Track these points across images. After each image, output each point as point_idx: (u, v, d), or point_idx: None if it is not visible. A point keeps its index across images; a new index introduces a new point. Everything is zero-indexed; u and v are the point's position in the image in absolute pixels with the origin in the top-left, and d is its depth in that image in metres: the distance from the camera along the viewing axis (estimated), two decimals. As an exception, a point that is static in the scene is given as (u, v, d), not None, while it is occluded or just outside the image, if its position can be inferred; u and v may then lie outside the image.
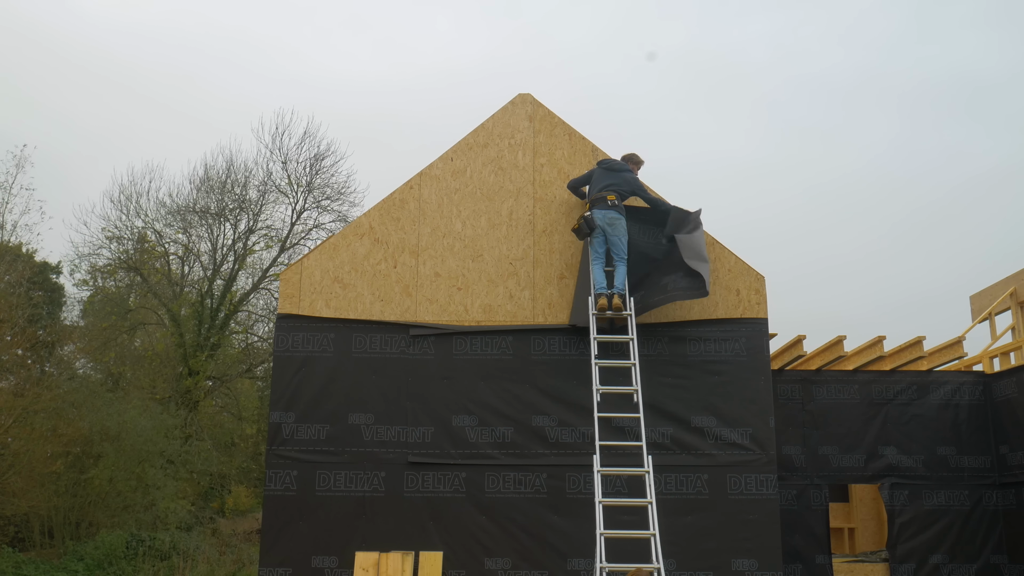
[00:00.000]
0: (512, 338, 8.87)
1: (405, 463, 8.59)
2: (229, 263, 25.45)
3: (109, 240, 24.72)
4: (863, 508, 12.37)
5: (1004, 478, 9.70)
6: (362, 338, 8.88)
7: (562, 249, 9.14)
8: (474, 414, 8.69)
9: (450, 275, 9.05)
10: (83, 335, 22.58)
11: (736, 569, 8.34)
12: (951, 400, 10.00)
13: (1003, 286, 12.01)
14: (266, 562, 8.40)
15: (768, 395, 8.74)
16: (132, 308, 24.74)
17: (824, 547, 9.59)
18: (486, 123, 9.48)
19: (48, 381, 18.36)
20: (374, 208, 9.26)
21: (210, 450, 22.14)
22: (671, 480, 8.51)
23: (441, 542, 8.38)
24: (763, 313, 8.96)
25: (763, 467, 8.57)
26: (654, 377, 8.66)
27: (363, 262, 9.07)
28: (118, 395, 20.76)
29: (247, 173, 25.58)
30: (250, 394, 25.65)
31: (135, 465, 18.96)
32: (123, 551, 16.82)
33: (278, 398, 8.75)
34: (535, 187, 9.30)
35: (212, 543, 19.05)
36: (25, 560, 16.13)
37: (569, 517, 8.42)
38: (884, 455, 9.80)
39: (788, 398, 9.92)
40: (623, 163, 9.15)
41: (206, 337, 24.13)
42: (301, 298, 8.96)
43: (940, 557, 9.54)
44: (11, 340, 17.64)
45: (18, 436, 16.46)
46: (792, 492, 9.66)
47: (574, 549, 8.35)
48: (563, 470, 8.55)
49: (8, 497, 16.03)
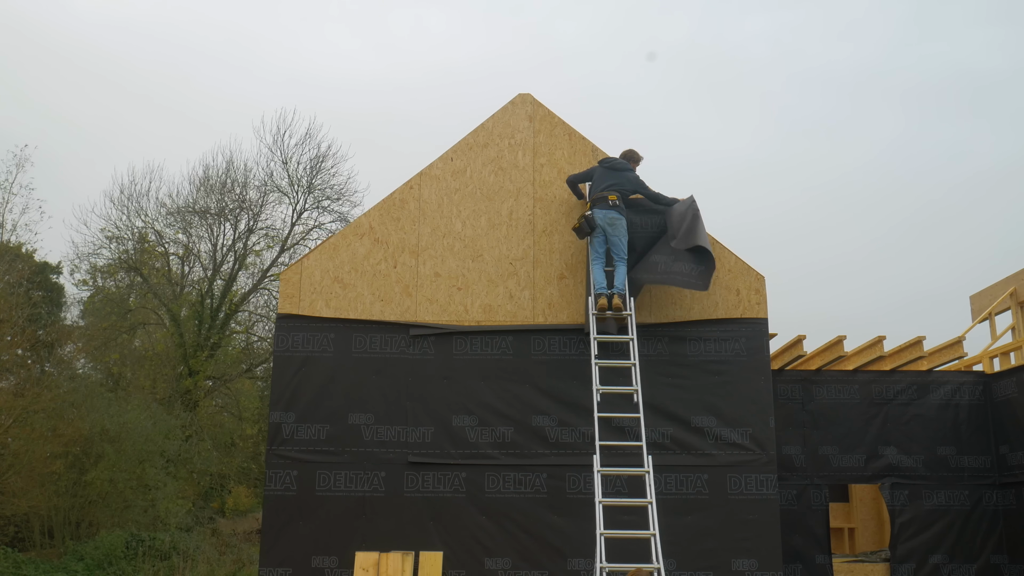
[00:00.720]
0: (512, 338, 8.86)
1: (405, 463, 8.59)
2: (229, 263, 25.47)
3: (109, 240, 24.77)
4: (863, 508, 12.38)
5: (1004, 478, 9.70)
6: (362, 338, 8.88)
7: (562, 249, 9.14)
8: (474, 414, 8.69)
9: (450, 275, 9.05)
10: (83, 335, 22.58)
11: (736, 569, 8.34)
12: (951, 400, 10.00)
13: (1003, 286, 12.01)
14: (266, 562, 8.40)
15: (768, 395, 8.74)
16: (132, 308, 24.74)
17: (824, 547, 9.59)
18: (486, 123, 9.48)
19: (48, 381, 18.35)
20: (374, 208, 9.26)
21: (210, 450, 22.14)
22: (671, 480, 8.51)
23: (441, 542, 8.38)
24: (763, 313, 8.96)
25: (763, 467, 8.57)
26: (654, 377, 8.66)
27: (363, 262, 9.07)
28: (118, 395, 20.76)
29: (247, 173, 25.63)
30: (250, 394, 25.64)
31: (135, 465, 18.96)
32: (123, 551, 16.82)
33: (278, 398, 8.75)
34: (535, 187, 9.30)
35: (212, 543, 19.06)
36: (25, 560, 16.12)
37: (569, 517, 8.42)
38: (884, 455, 9.80)
39: (788, 398, 9.92)
40: (624, 162, 9.15)
41: (206, 337, 24.14)
42: (301, 298, 8.96)
43: (940, 557, 9.54)
44: (11, 340, 17.64)
45: (18, 436, 16.45)
46: (792, 492, 9.65)
47: (574, 549, 8.34)
48: (563, 470, 8.55)
49: (8, 497, 16.02)
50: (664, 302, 8.97)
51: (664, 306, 8.95)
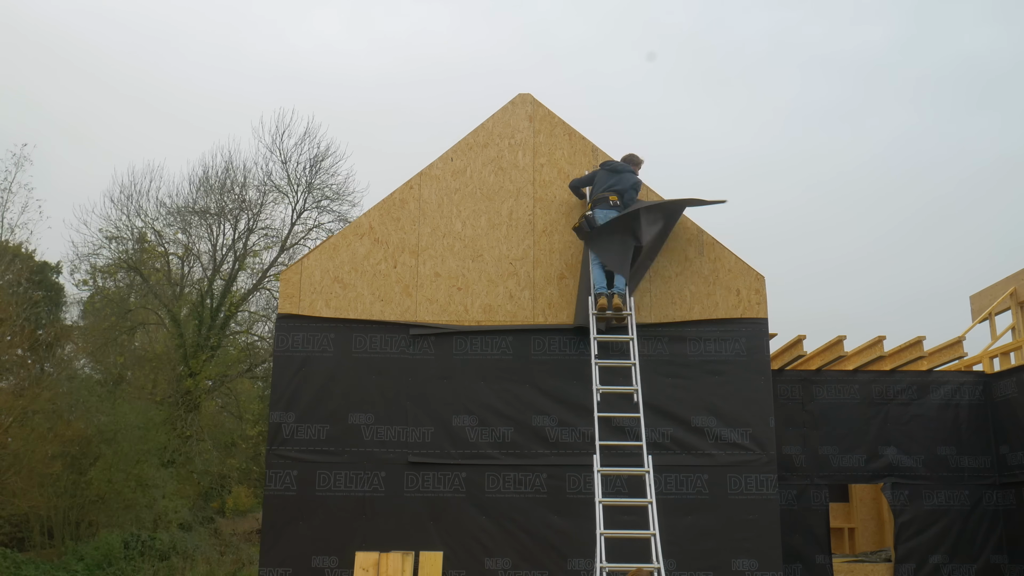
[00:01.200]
0: (512, 338, 8.86)
1: (405, 463, 8.58)
2: (229, 263, 25.46)
3: (109, 240, 24.74)
4: (863, 508, 12.38)
5: (1004, 478, 9.70)
6: (362, 338, 8.88)
7: (562, 249, 9.14)
8: (474, 414, 8.68)
9: (450, 275, 9.04)
10: (83, 335, 22.58)
11: (736, 569, 8.34)
12: (951, 400, 10.00)
13: (1003, 286, 12.01)
14: (266, 562, 8.40)
15: (768, 395, 8.74)
16: (132, 308, 24.73)
17: (824, 547, 9.59)
18: (486, 123, 9.48)
19: (48, 381, 18.35)
20: (374, 208, 9.26)
21: (210, 450, 22.13)
22: (671, 480, 8.51)
23: (441, 542, 8.38)
24: (763, 313, 8.96)
25: (763, 467, 8.56)
26: (654, 377, 8.66)
27: (363, 262, 9.06)
28: (119, 395, 20.75)
29: (246, 173, 25.62)
30: (250, 394, 25.63)
31: (134, 465, 18.96)
32: (122, 551, 16.82)
33: (278, 398, 8.75)
34: (535, 187, 9.30)
35: (212, 543, 19.06)
36: (25, 560, 16.12)
37: (569, 517, 8.42)
38: (884, 455, 9.80)
39: (788, 398, 9.91)
40: (626, 164, 9.18)
41: (206, 337, 24.13)
42: (301, 298, 8.95)
43: (940, 557, 9.54)
44: (11, 340, 17.64)
45: (18, 436, 16.45)
46: (792, 492, 9.65)
47: (574, 549, 8.34)
48: (563, 470, 8.55)
49: (8, 497, 16.02)
50: (664, 302, 8.98)
51: (664, 306, 8.95)
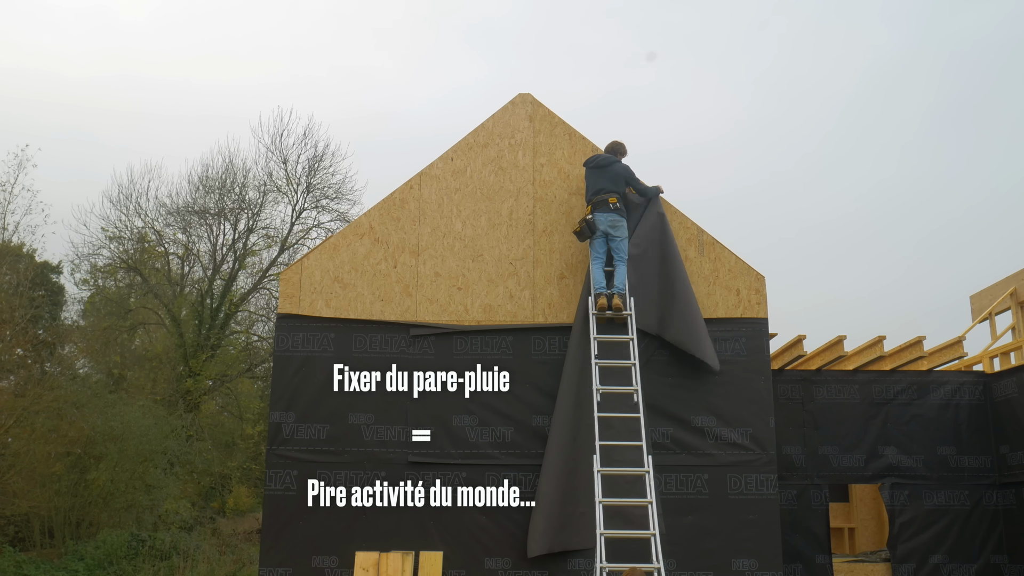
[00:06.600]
0: (512, 338, 8.87)
1: (405, 463, 8.59)
2: (229, 263, 25.47)
3: (109, 240, 24.76)
4: (863, 508, 12.37)
5: (1004, 478, 9.70)
6: (362, 338, 8.88)
7: (562, 249, 9.14)
8: (474, 414, 8.69)
9: (450, 275, 9.05)
10: (83, 335, 22.59)
11: (736, 569, 8.34)
12: (951, 400, 10.00)
13: (1003, 286, 12.00)
14: (266, 562, 8.40)
15: (768, 395, 8.74)
16: (132, 308, 24.75)
17: (824, 547, 9.59)
18: (486, 123, 9.48)
19: (49, 381, 18.35)
20: (374, 208, 9.27)
21: (211, 450, 22.14)
22: (671, 480, 8.51)
23: (441, 542, 8.38)
24: (763, 313, 8.96)
25: (763, 467, 8.57)
26: (654, 377, 8.66)
27: (363, 262, 9.07)
28: (119, 395, 20.76)
29: (246, 173, 25.64)
30: (250, 394, 25.65)
31: (136, 465, 18.97)
32: (123, 551, 16.82)
33: (278, 398, 8.76)
34: (535, 187, 9.30)
35: (212, 543, 19.05)
36: (26, 560, 16.13)
37: (569, 517, 8.41)
38: (884, 455, 9.80)
39: (788, 398, 9.91)
40: (610, 156, 9.10)
41: (206, 337, 24.14)
42: (301, 298, 8.96)
43: (940, 557, 9.54)
44: (12, 340, 17.65)
45: (19, 436, 16.46)
46: (792, 492, 9.65)
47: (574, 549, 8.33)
48: (563, 470, 8.54)
49: (9, 497, 16.03)
50: (664, 302, 8.96)
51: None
